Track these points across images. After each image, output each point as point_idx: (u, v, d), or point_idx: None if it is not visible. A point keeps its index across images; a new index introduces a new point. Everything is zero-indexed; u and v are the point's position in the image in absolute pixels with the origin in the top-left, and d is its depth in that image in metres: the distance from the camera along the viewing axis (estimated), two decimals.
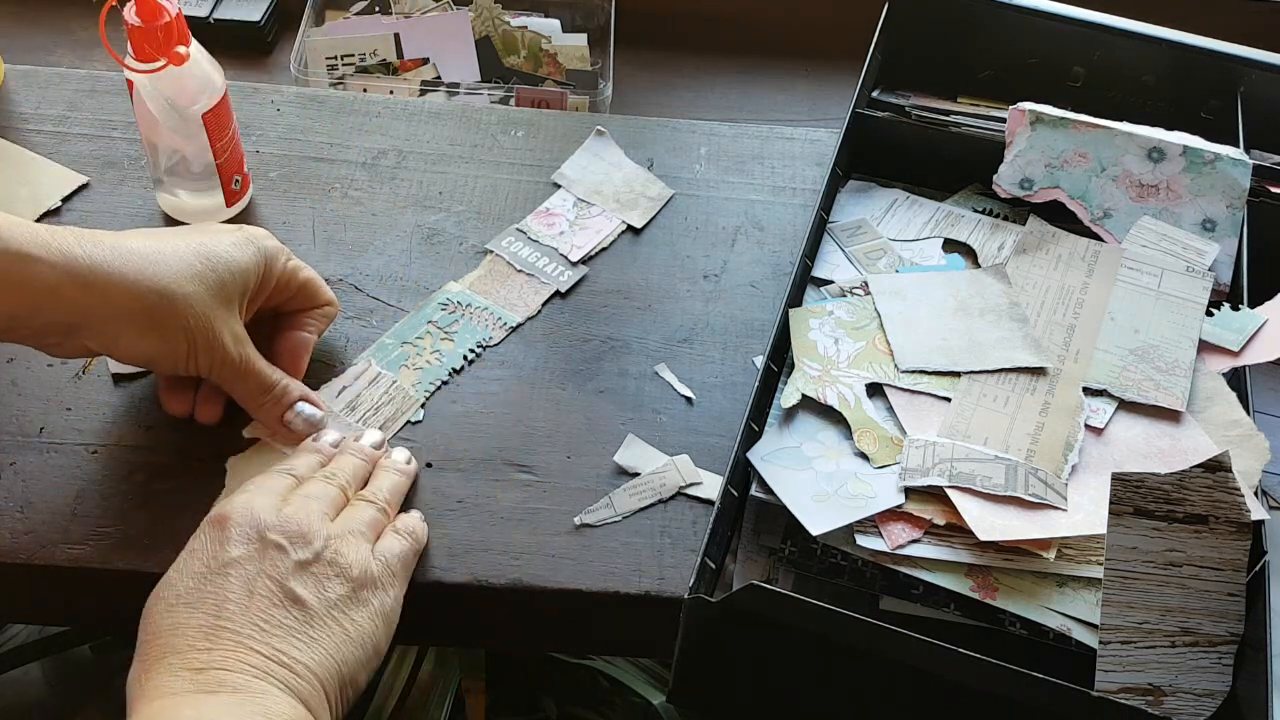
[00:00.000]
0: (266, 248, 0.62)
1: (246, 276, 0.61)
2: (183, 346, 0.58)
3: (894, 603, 0.58)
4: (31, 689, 0.95)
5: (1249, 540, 0.55)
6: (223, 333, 0.59)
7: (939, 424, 0.63)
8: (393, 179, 0.78)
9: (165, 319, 0.57)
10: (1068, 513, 0.59)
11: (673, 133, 0.84)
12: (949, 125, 0.81)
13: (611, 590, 0.60)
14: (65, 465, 0.62)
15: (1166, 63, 0.81)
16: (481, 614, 0.62)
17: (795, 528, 0.58)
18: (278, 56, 0.99)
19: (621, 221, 0.77)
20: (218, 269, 0.59)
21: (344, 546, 0.54)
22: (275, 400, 0.62)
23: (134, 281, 0.56)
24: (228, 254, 0.60)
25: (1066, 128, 0.75)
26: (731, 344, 0.71)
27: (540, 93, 0.92)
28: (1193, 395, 0.65)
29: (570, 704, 0.96)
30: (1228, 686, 0.53)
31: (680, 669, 0.57)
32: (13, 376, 0.65)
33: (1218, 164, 0.73)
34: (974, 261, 0.74)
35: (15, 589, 0.60)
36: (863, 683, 0.55)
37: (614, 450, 0.65)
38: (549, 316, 0.72)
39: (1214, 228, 0.73)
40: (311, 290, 0.66)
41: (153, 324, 0.57)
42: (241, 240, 0.61)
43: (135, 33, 0.66)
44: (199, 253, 0.59)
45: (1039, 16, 0.82)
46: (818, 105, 1.00)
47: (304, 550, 0.53)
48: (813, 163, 0.83)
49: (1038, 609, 0.56)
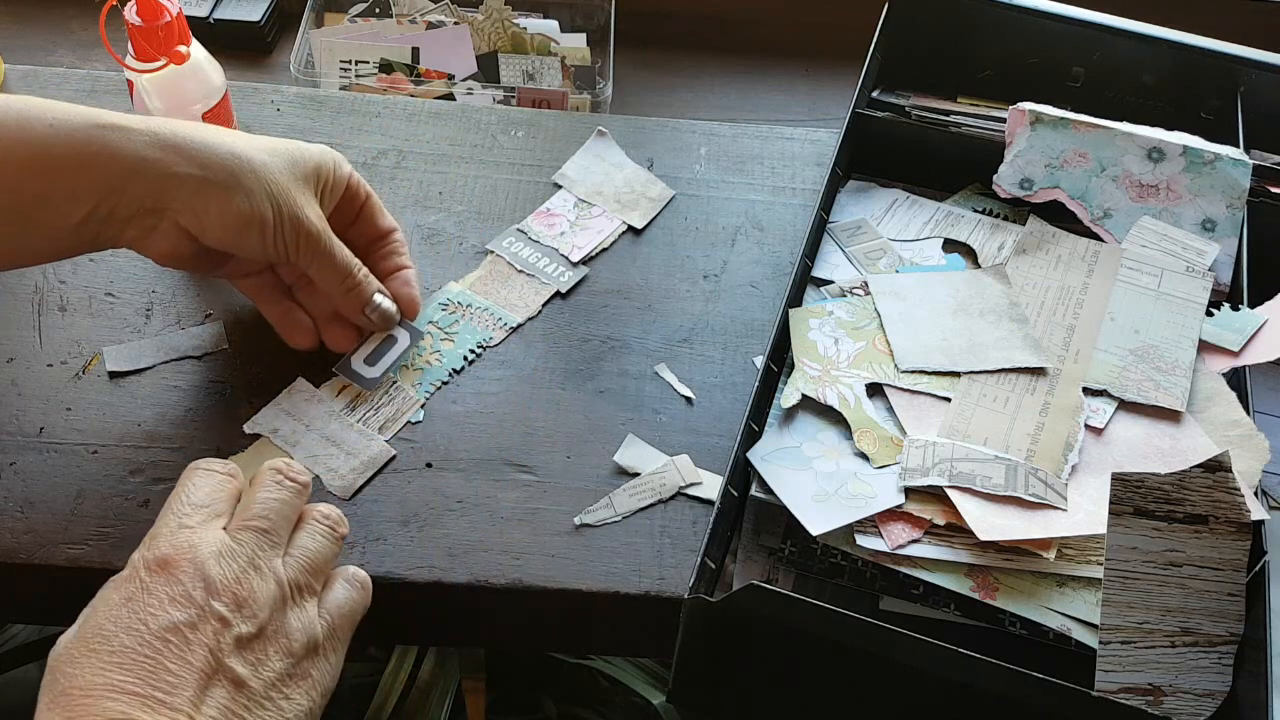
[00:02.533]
0: (332, 150, 0.65)
1: (316, 161, 0.63)
2: (268, 211, 0.59)
3: (894, 603, 0.58)
4: (31, 689, 0.95)
5: (1249, 540, 0.55)
6: (303, 204, 0.61)
7: (939, 424, 0.63)
8: (393, 179, 0.78)
9: (248, 179, 0.59)
10: (1068, 513, 0.59)
11: (673, 133, 0.84)
12: (949, 125, 0.81)
13: (611, 590, 0.60)
14: (65, 465, 0.62)
15: (1166, 63, 0.81)
16: (481, 614, 0.62)
17: (795, 528, 0.58)
18: (278, 56, 0.99)
19: (622, 222, 0.77)
20: (289, 150, 0.62)
21: (290, 616, 0.51)
22: (360, 285, 0.64)
23: (215, 145, 0.59)
24: (294, 144, 0.63)
25: (1066, 128, 0.75)
26: (731, 344, 0.71)
27: (540, 93, 0.92)
28: (1193, 395, 0.65)
29: (570, 704, 0.96)
30: (1228, 686, 0.53)
31: (680, 669, 0.57)
32: (12, 376, 0.65)
33: (1218, 164, 0.73)
34: (974, 261, 0.74)
35: (15, 589, 0.60)
36: (863, 683, 0.55)
37: (614, 450, 0.65)
38: (549, 317, 0.72)
39: (1214, 228, 0.73)
40: (375, 209, 0.68)
41: (237, 184, 0.58)
42: (305, 143, 0.64)
43: (136, 32, 0.66)
44: (267, 141, 0.62)
45: (1039, 16, 0.82)
46: (818, 105, 1.00)
47: (248, 624, 0.49)
48: (813, 163, 0.83)
49: (1038, 609, 0.56)
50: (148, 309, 0.69)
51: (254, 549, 0.52)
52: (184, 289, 0.70)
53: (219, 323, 0.69)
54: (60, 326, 0.68)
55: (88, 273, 0.70)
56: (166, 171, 0.57)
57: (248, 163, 0.59)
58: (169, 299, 0.70)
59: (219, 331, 0.68)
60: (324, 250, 0.62)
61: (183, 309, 0.69)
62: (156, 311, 0.69)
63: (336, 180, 0.65)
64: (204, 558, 0.50)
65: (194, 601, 0.49)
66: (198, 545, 0.50)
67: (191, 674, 0.47)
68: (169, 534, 0.51)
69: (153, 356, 0.67)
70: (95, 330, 0.68)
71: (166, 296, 0.70)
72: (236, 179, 0.58)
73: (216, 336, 0.68)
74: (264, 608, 0.50)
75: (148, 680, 0.46)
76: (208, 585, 0.49)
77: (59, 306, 0.69)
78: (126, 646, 0.47)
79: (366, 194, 0.67)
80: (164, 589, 0.49)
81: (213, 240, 0.60)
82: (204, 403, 0.65)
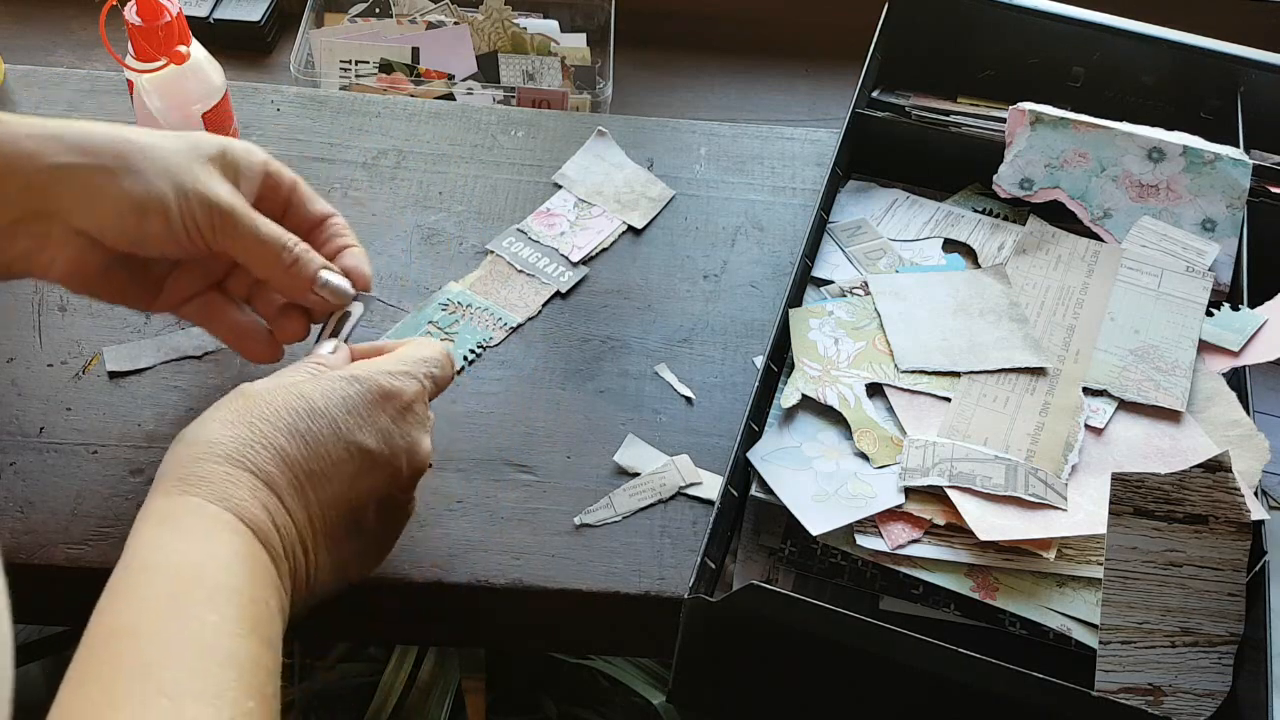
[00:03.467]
0: (242, 140, 0.60)
1: (221, 144, 0.56)
2: (167, 190, 0.53)
3: (894, 603, 0.58)
4: (31, 689, 0.95)
5: (1249, 540, 0.55)
6: (209, 180, 0.54)
7: (939, 424, 0.63)
8: (393, 179, 0.78)
9: (137, 160, 0.53)
10: (1068, 513, 0.59)
11: (673, 133, 0.84)
12: (949, 125, 0.81)
13: (611, 590, 0.60)
14: (65, 465, 0.62)
15: (1166, 63, 0.81)
16: (481, 614, 0.62)
17: (795, 528, 0.58)
18: (278, 56, 0.99)
19: (622, 222, 0.77)
20: (189, 135, 0.56)
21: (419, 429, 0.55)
22: (299, 259, 0.57)
23: (98, 132, 0.53)
24: (196, 132, 0.58)
25: (1066, 128, 0.75)
26: (731, 344, 0.71)
27: (540, 93, 0.92)
28: (1193, 395, 0.65)
29: (570, 704, 0.96)
30: (1228, 686, 0.53)
31: (680, 669, 0.57)
32: (12, 376, 0.65)
33: (1218, 164, 0.73)
34: (974, 261, 0.74)
35: (15, 589, 0.60)
36: (863, 683, 0.55)
37: (614, 450, 0.65)
38: (549, 317, 0.72)
39: (1214, 228, 0.73)
40: (305, 196, 0.60)
41: (126, 166, 0.53)
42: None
43: (136, 32, 0.66)
44: (164, 132, 0.56)
45: (1039, 16, 0.82)
46: (818, 105, 1.00)
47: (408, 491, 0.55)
48: (813, 163, 0.83)
49: (1038, 609, 0.56)
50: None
51: (425, 404, 0.55)
52: None
53: None
54: (60, 326, 0.68)
55: None
56: (45, 163, 0.52)
57: (135, 144, 0.53)
58: None
59: None
60: (245, 227, 0.55)
61: None
62: None
63: (249, 165, 0.57)
64: (424, 456, 0.54)
65: (395, 448, 0.52)
66: (421, 443, 0.54)
67: (342, 507, 0.51)
68: (401, 374, 0.54)
69: (153, 356, 0.67)
70: (95, 330, 0.68)
71: None
72: (125, 160, 0.53)
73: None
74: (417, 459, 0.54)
75: (315, 476, 0.50)
76: (418, 472, 0.54)
77: (59, 306, 0.69)
78: (324, 436, 0.50)
79: (293, 181, 0.60)
80: (382, 417, 0.52)
81: (114, 238, 0.54)
82: (204, 403, 0.64)
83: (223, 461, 0.47)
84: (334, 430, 0.50)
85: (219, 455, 0.48)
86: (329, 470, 0.50)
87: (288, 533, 0.48)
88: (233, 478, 0.47)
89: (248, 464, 0.48)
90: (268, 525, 0.47)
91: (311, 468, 0.49)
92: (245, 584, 0.44)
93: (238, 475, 0.47)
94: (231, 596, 0.43)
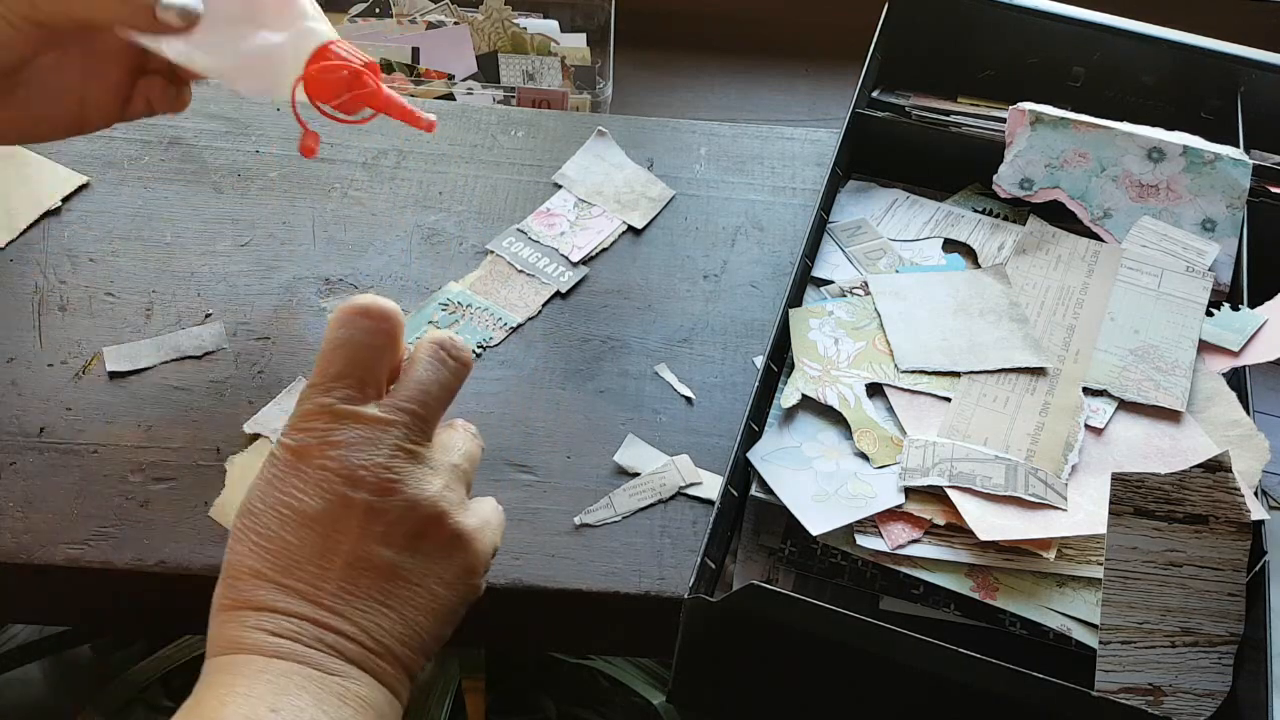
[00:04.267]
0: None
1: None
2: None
3: (894, 603, 0.58)
4: (31, 689, 0.95)
5: (1249, 540, 0.55)
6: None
7: (939, 424, 0.63)
8: (393, 179, 0.78)
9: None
10: (1068, 513, 0.59)
11: (673, 133, 0.84)
12: (949, 125, 0.81)
13: (611, 590, 0.60)
14: (65, 465, 0.62)
15: (1166, 63, 0.81)
16: (481, 614, 0.62)
17: (795, 528, 0.58)
18: None
19: (622, 222, 0.77)
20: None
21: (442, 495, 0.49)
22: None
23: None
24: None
25: (1066, 128, 0.75)
26: (731, 344, 0.71)
27: (540, 93, 0.92)
28: (1193, 395, 0.65)
29: (570, 704, 0.96)
30: (1228, 686, 0.53)
31: (680, 669, 0.57)
32: (12, 376, 0.65)
33: (1218, 164, 0.73)
34: (974, 261, 0.74)
35: (15, 589, 0.60)
36: (863, 683, 0.55)
37: (614, 450, 0.65)
38: (549, 317, 0.72)
39: (1214, 228, 0.73)
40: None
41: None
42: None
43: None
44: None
45: (1039, 16, 0.82)
46: (818, 105, 1.00)
47: (397, 508, 0.47)
48: (813, 163, 0.83)
49: (1038, 609, 0.56)
50: (148, 309, 0.69)
51: (405, 433, 0.48)
52: (184, 289, 0.70)
53: (219, 323, 0.69)
54: (60, 326, 0.68)
55: (88, 273, 0.70)
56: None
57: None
58: (169, 299, 0.70)
59: (219, 331, 0.68)
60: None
61: (183, 309, 0.69)
62: (156, 311, 0.69)
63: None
64: (345, 444, 0.47)
65: (335, 493, 0.46)
66: (335, 430, 0.47)
67: (335, 565, 0.46)
68: (308, 414, 0.47)
69: (153, 356, 0.67)
70: (95, 330, 0.68)
71: (166, 296, 0.70)
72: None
73: (216, 336, 0.68)
74: (416, 489, 0.47)
75: (291, 569, 0.45)
76: (350, 476, 0.46)
77: (59, 306, 0.69)
78: (271, 531, 0.46)
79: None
80: (302, 478, 0.46)
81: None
82: (204, 403, 0.65)
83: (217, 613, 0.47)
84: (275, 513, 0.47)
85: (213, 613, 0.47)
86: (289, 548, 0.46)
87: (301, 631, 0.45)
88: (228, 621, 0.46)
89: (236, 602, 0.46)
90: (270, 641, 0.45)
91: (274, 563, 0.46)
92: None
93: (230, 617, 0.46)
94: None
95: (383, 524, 0.46)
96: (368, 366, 0.48)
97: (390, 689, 0.46)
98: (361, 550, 0.46)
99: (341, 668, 0.45)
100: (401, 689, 0.47)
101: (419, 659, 0.48)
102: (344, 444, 0.47)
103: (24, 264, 0.71)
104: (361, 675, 0.45)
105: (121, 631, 0.94)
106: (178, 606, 0.60)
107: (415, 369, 0.50)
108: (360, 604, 0.46)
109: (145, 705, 0.90)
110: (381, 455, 0.47)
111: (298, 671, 0.44)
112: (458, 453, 0.50)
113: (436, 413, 0.50)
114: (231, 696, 0.42)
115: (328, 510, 0.46)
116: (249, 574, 0.46)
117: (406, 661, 0.47)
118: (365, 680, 0.45)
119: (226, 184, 0.77)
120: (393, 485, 0.47)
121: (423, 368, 0.50)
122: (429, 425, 0.49)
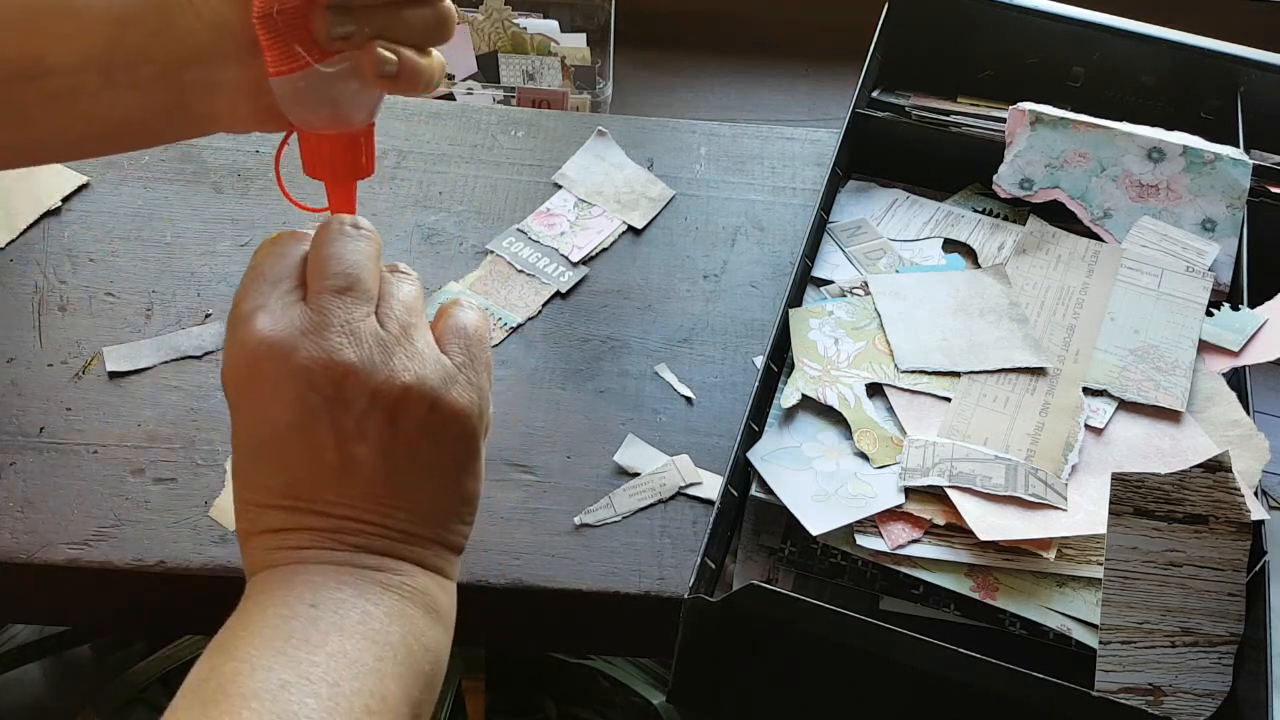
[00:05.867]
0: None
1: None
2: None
3: (894, 603, 0.58)
4: (31, 689, 0.95)
5: (1249, 540, 0.55)
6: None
7: (939, 424, 0.63)
8: (393, 179, 0.78)
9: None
10: (1068, 513, 0.59)
11: (673, 133, 0.84)
12: (949, 125, 0.81)
13: (611, 590, 0.60)
14: (65, 465, 0.62)
15: (1166, 63, 0.82)
16: (481, 614, 0.62)
17: (795, 528, 0.58)
18: None
19: (622, 222, 0.77)
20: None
21: (407, 363, 0.46)
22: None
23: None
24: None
25: (1066, 128, 0.75)
26: (731, 344, 0.71)
27: (540, 93, 0.92)
28: (1193, 395, 0.65)
29: (570, 704, 0.96)
30: (1228, 686, 0.53)
31: (680, 669, 0.57)
32: (12, 376, 0.65)
33: (1218, 164, 0.73)
34: (974, 261, 0.74)
35: (15, 589, 0.60)
36: (863, 683, 0.55)
37: (614, 450, 0.65)
38: (549, 317, 0.72)
39: (1214, 228, 0.73)
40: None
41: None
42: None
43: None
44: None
45: (1039, 16, 0.82)
46: (818, 105, 1.00)
47: (362, 396, 0.44)
48: (813, 163, 0.83)
49: (1038, 609, 0.56)
50: (148, 309, 0.69)
51: (343, 312, 0.45)
52: (184, 289, 0.70)
53: (219, 323, 0.69)
54: (60, 326, 0.68)
55: (88, 273, 0.70)
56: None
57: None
58: (169, 299, 0.70)
59: (219, 331, 0.68)
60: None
61: (183, 309, 0.69)
62: (156, 311, 0.69)
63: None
64: (287, 346, 0.44)
65: (295, 400, 0.44)
66: (275, 332, 0.44)
67: (326, 473, 0.44)
68: (240, 333, 0.45)
69: (153, 356, 0.67)
70: (95, 330, 0.68)
71: (166, 296, 0.70)
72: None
73: (216, 336, 0.68)
74: (374, 370, 0.44)
75: (288, 491, 0.44)
76: (304, 377, 0.43)
77: (59, 306, 0.69)
78: (258, 460, 0.45)
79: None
80: (260, 396, 0.44)
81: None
82: (204, 403, 0.65)
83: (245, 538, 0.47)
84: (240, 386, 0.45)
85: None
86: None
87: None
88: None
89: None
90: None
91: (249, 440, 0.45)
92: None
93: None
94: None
95: (352, 418, 0.44)
96: (289, 267, 0.47)
97: (434, 569, 0.46)
98: (346, 451, 0.44)
99: (376, 561, 0.44)
100: (446, 565, 0.46)
101: (457, 526, 0.47)
102: (287, 347, 0.44)
103: (24, 264, 0.71)
104: (399, 564, 0.45)
105: (121, 631, 0.94)
106: (178, 606, 0.60)
107: (320, 248, 0.47)
108: (366, 501, 0.45)
109: (145, 705, 0.90)
110: (326, 345, 0.44)
111: (333, 572, 0.43)
112: (398, 305, 0.47)
113: (365, 281, 0.46)
114: (270, 599, 0.43)
115: (297, 420, 0.44)
116: (253, 506, 0.45)
117: (440, 537, 0.46)
118: (404, 567, 0.45)
119: (226, 184, 0.77)
120: (345, 374, 0.44)
121: (328, 244, 0.47)
122: (361, 295, 0.46)
